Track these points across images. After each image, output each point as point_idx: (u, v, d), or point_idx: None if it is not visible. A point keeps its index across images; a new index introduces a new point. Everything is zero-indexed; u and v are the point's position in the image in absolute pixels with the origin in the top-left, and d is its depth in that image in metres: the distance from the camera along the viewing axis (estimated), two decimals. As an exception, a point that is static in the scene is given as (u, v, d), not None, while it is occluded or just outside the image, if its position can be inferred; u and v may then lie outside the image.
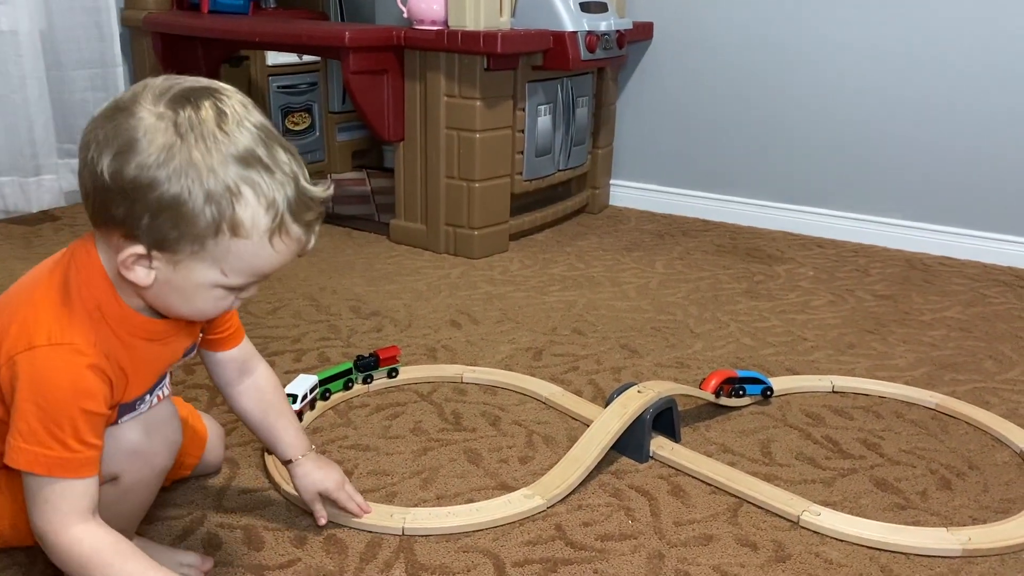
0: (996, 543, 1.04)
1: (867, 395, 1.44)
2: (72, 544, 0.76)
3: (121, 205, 0.72)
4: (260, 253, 0.75)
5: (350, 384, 1.38)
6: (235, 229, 0.73)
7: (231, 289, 0.78)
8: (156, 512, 1.06)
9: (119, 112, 0.72)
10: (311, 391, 1.29)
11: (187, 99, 0.72)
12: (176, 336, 0.86)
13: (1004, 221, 2.16)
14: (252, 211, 0.73)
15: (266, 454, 1.17)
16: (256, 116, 0.75)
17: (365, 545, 1.02)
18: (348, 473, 1.17)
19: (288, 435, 1.03)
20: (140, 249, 0.73)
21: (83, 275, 0.78)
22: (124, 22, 2.52)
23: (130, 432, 0.84)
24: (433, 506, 1.10)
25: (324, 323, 1.69)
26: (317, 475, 1.03)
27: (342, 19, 2.89)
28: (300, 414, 1.26)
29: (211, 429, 1.13)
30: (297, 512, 1.08)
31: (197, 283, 0.76)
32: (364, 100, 2.06)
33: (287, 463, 1.04)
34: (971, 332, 1.73)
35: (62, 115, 2.39)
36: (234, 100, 0.75)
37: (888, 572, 1.00)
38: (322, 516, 1.04)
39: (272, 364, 1.49)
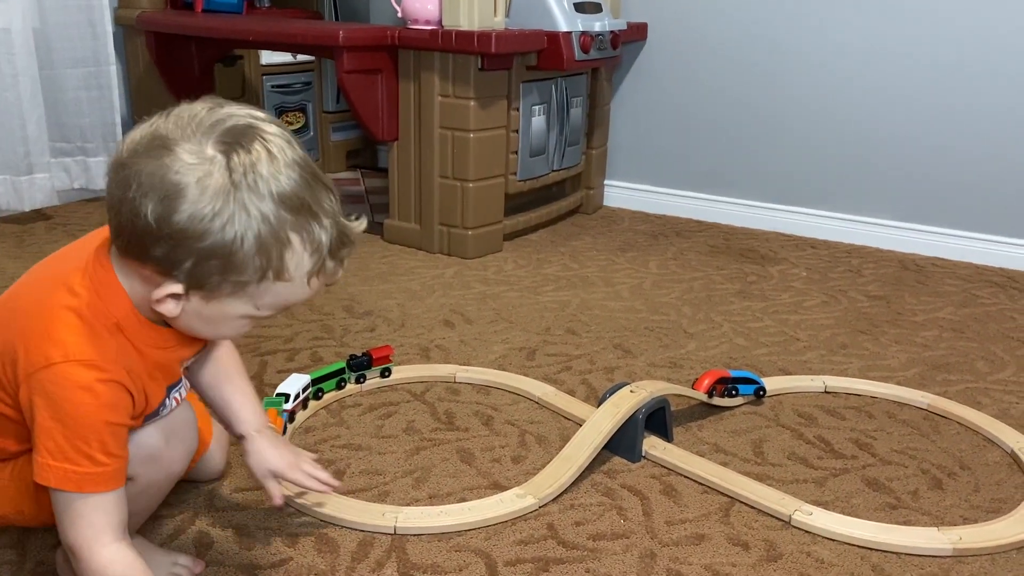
0: (987, 543, 1.04)
1: (859, 395, 1.45)
2: (106, 565, 0.77)
3: (163, 247, 0.71)
4: (296, 292, 0.76)
5: (343, 384, 1.38)
6: (279, 275, 0.73)
7: (257, 319, 0.79)
8: (147, 511, 1.06)
9: (164, 149, 0.70)
10: (303, 390, 1.29)
11: (237, 141, 0.71)
12: (188, 344, 0.86)
13: (996, 222, 2.17)
14: (298, 258, 0.73)
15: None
16: (298, 153, 0.75)
17: (357, 544, 1.02)
18: (340, 473, 1.17)
19: (244, 410, 1.00)
20: (178, 289, 0.73)
21: (103, 294, 0.77)
22: (117, 20, 2.51)
23: (149, 437, 0.84)
24: (425, 505, 1.10)
25: (317, 323, 1.69)
26: (269, 453, 0.99)
27: (336, 18, 2.89)
28: (292, 413, 1.26)
29: (216, 436, 1.10)
30: (289, 511, 1.08)
31: (227, 315, 0.77)
32: (358, 99, 2.06)
33: (240, 438, 1.01)
34: (963, 333, 1.73)
35: (55, 113, 2.38)
36: (279, 140, 0.74)
37: (879, 571, 1.00)
38: (276, 496, 0.99)
39: (265, 364, 1.50)
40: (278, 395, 1.26)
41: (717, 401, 1.36)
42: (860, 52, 2.24)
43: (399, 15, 2.08)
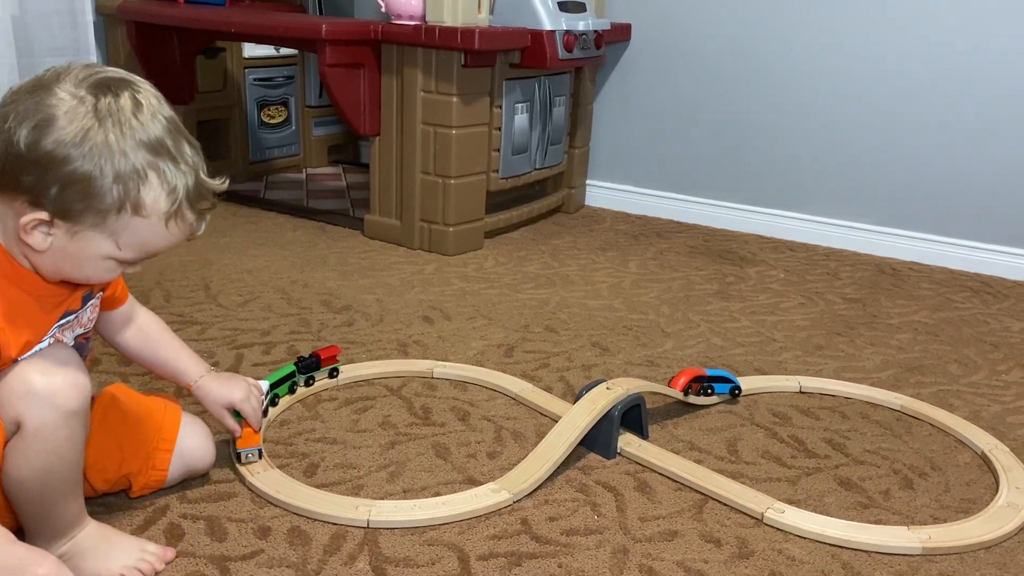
0: (955, 542, 1.05)
1: (834, 396, 1.46)
2: None
3: (32, 174, 0.77)
4: (155, 232, 0.82)
5: (294, 388, 1.34)
6: (137, 208, 0.79)
7: (121, 262, 0.84)
8: (119, 500, 1.05)
9: (41, 89, 0.78)
10: (265, 398, 1.23)
11: (108, 87, 0.79)
12: (61, 299, 0.88)
13: (973, 228, 2.19)
14: (155, 194, 0.80)
15: (230, 445, 1.16)
16: (167, 110, 0.82)
17: (329, 537, 1.02)
18: (315, 466, 1.17)
19: (182, 363, 1.10)
20: (44, 215, 0.78)
21: None
22: (98, 10, 2.49)
23: (22, 371, 0.82)
24: (400, 499, 1.10)
25: (295, 316, 1.68)
26: (220, 390, 1.10)
27: (320, 12, 2.88)
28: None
29: (196, 431, 1.09)
30: (261, 504, 1.07)
31: (91, 253, 0.81)
32: (340, 93, 2.06)
33: (189, 389, 1.10)
34: (937, 336, 1.75)
35: (33, 102, 2.36)
36: (149, 93, 0.82)
37: (849, 569, 1.01)
38: (235, 429, 1.11)
39: (240, 356, 1.49)
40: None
41: (693, 399, 1.37)
42: (841, 58, 2.26)
43: (383, 10, 2.07)
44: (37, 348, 0.85)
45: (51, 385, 0.83)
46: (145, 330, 1.07)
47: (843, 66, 2.26)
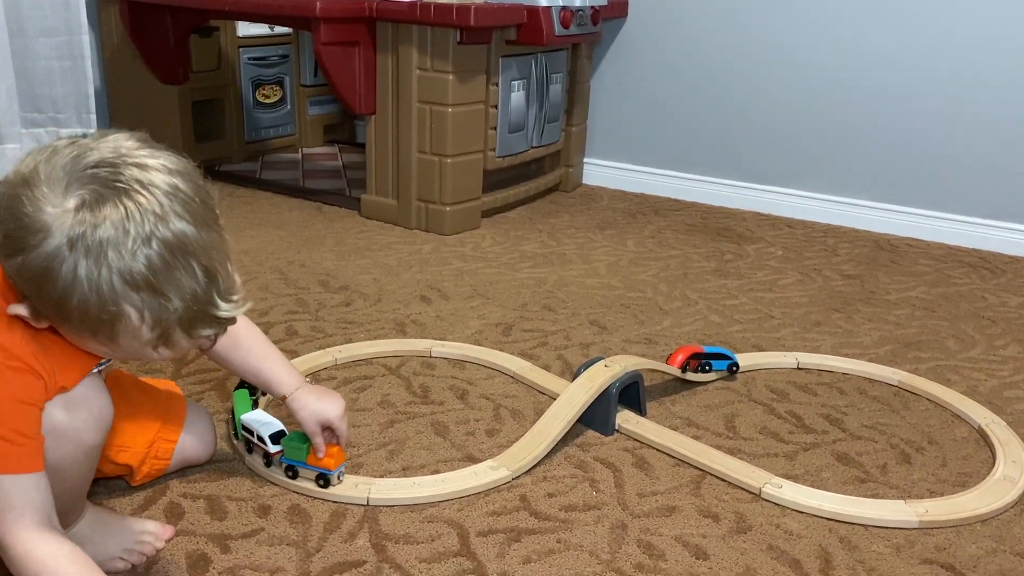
0: (952, 515, 1.06)
1: (831, 372, 1.46)
2: (29, 550, 0.73)
3: (10, 272, 0.70)
4: (144, 353, 0.74)
5: (255, 405, 1.21)
6: (112, 339, 0.71)
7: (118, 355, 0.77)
8: (119, 481, 1.05)
9: (22, 185, 0.68)
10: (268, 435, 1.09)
11: (97, 199, 0.67)
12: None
13: (970, 204, 2.19)
14: (133, 327, 0.70)
15: (228, 425, 1.17)
16: (173, 224, 0.68)
17: (329, 515, 1.02)
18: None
19: (276, 373, 1.03)
20: (23, 312, 0.72)
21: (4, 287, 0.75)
22: (90, -11, 2.46)
23: (50, 409, 0.80)
24: (399, 477, 1.10)
25: (292, 297, 1.68)
26: (316, 406, 1.02)
27: (315, -9, 2.85)
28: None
29: (202, 425, 1.08)
30: (261, 482, 1.08)
31: (84, 342, 0.75)
32: (335, 72, 2.04)
33: (283, 399, 1.04)
34: (935, 311, 1.75)
35: (26, 83, 2.34)
36: (153, 196, 0.68)
37: (846, 543, 1.02)
38: (321, 449, 1.04)
39: (239, 336, 1.48)
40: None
41: (690, 376, 1.37)
42: (839, 35, 2.24)
43: (377, -13, 2.05)
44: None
45: (75, 423, 0.82)
46: (233, 335, 0.96)
47: (841, 43, 2.24)
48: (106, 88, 2.59)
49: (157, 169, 0.69)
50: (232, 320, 0.76)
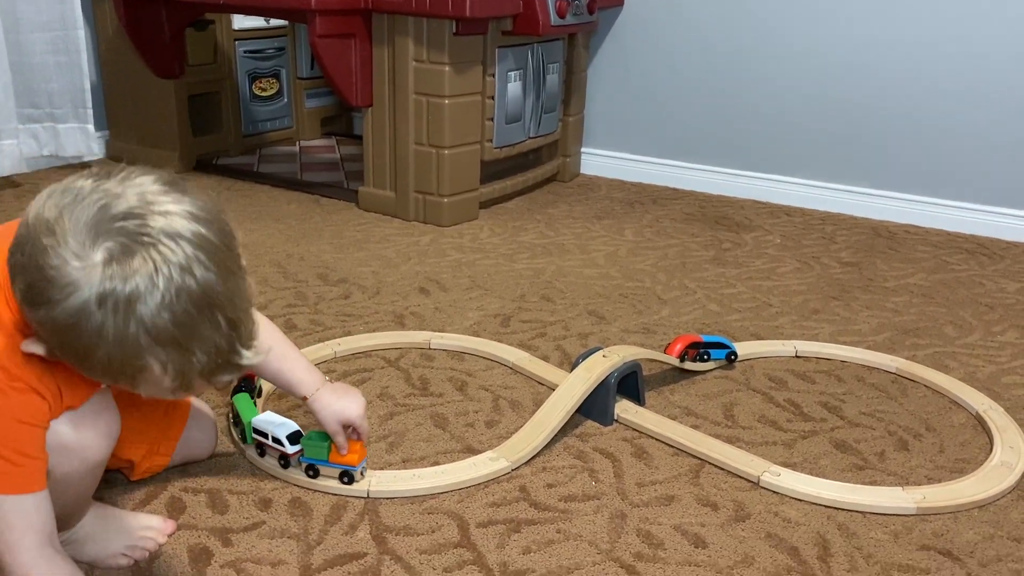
0: (949, 501, 1.07)
1: (829, 360, 1.46)
2: (28, 571, 0.74)
3: (29, 317, 0.69)
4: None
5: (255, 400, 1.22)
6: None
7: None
8: (119, 476, 1.06)
9: (47, 234, 0.65)
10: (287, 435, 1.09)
11: (126, 248, 0.65)
12: None
13: (968, 190, 2.19)
14: (155, 378, 0.70)
15: (229, 420, 1.17)
16: (199, 276, 0.66)
17: (330, 508, 1.03)
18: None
19: (296, 375, 1.03)
20: (40, 351, 0.71)
21: (13, 311, 0.74)
22: (85, -17, 2.46)
23: (58, 426, 0.80)
24: (399, 469, 1.11)
25: (291, 290, 1.68)
26: (337, 405, 1.02)
27: (310, -17, 2.84)
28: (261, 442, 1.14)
29: (205, 424, 1.09)
30: (262, 476, 1.08)
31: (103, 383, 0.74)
32: (331, 64, 2.04)
33: (304, 401, 1.03)
34: (933, 298, 1.76)
35: (22, 79, 2.34)
36: (180, 248, 0.66)
37: (844, 530, 1.02)
38: (343, 447, 1.03)
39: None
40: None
41: (689, 365, 1.37)
42: (836, 22, 2.23)
43: (372, -21, 2.04)
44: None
45: (82, 441, 0.81)
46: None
47: (838, 31, 2.24)
48: (102, 83, 2.58)
49: (183, 216, 0.67)
50: (252, 366, 0.75)
